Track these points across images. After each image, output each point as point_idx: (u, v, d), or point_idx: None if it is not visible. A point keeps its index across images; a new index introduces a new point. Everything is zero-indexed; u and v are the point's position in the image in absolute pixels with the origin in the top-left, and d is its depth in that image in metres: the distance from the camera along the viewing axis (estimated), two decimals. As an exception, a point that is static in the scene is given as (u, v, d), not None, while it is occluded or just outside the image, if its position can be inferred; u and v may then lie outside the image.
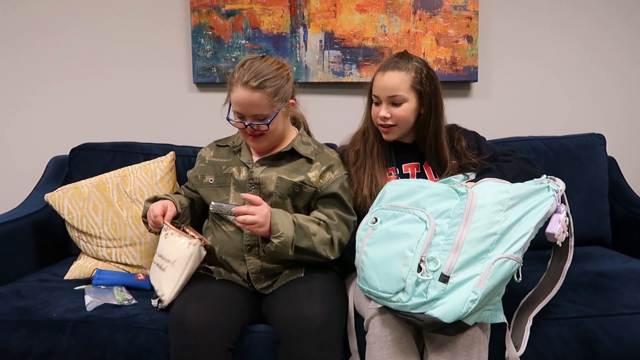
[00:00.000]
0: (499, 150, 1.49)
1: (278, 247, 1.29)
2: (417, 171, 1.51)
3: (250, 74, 1.34)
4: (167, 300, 1.31)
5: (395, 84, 1.41)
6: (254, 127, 1.37)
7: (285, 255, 1.32)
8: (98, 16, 2.07)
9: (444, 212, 1.14)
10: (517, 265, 1.11)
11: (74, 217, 1.62)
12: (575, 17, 2.13)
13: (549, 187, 1.20)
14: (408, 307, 1.10)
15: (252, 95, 1.33)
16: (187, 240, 1.33)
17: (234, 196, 1.41)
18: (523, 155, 1.43)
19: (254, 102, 1.34)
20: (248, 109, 1.35)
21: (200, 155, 1.54)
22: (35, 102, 2.11)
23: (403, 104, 1.42)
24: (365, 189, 1.44)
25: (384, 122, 1.44)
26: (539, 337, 1.28)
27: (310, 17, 2.03)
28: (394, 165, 1.52)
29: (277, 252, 1.30)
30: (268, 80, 1.35)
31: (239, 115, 1.39)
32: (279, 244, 1.29)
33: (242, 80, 1.34)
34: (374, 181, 1.45)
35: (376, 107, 1.47)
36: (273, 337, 1.28)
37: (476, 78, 2.08)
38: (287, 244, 1.30)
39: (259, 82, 1.33)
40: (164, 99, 2.11)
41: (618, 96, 2.17)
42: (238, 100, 1.35)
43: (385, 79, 1.42)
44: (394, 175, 1.51)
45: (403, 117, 1.43)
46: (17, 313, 1.33)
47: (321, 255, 1.36)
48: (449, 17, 2.04)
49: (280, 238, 1.28)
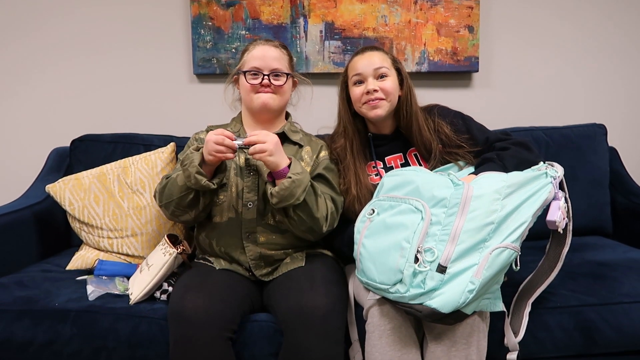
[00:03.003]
0: (492, 135, 1.45)
1: (293, 184, 1.25)
2: (400, 162, 1.49)
3: (267, 39, 1.49)
4: (134, 300, 1.34)
5: (380, 59, 1.45)
6: (270, 79, 1.41)
7: (294, 197, 1.26)
8: (97, 7, 2.07)
9: (440, 201, 1.13)
10: (515, 254, 1.11)
11: (75, 208, 1.63)
12: (576, 7, 2.11)
13: (547, 174, 1.20)
14: (406, 298, 1.10)
15: (274, 50, 1.44)
16: (165, 250, 1.38)
17: (233, 180, 1.40)
18: (518, 139, 1.40)
19: (275, 56, 1.43)
20: (268, 62, 1.42)
21: (198, 137, 1.51)
22: (36, 93, 2.11)
23: (388, 77, 1.44)
24: (353, 189, 1.43)
25: (372, 96, 1.41)
26: (538, 325, 1.29)
27: (310, 7, 2.02)
28: (375, 159, 1.50)
29: (290, 189, 1.25)
30: (285, 46, 1.50)
31: (254, 72, 1.42)
32: (295, 182, 1.25)
33: (262, 42, 1.46)
34: (359, 182, 1.43)
35: (359, 86, 1.45)
36: (274, 326, 1.28)
37: (477, 68, 2.07)
38: (302, 184, 1.27)
39: (278, 43, 1.49)
40: (164, 90, 2.11)
41: (619, 86, 2.16)
42: (259, 54, 1.43)
43: (367, 57, 1.45)
44: (375, 169, 1.49)
45: (391, 88, 1.43)
46: (20, 303, 1.35)
47: (318, 220, 1.33)
48: (450, 6, 2.03)
49: (298, 176, 1.26)
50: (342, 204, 1.43)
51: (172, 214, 1.38)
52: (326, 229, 1.37)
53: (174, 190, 1.33)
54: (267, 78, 1.41)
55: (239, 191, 1.39)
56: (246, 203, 1.38)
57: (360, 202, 1.38)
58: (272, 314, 1.31)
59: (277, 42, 1.48)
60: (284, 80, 1.43)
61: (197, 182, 1.27)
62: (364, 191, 1.42)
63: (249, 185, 1.39)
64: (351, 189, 1.43)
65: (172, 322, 1.20)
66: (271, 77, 1.42)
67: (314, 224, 1.34)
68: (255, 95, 1.43)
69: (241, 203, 1.39)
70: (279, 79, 1.43)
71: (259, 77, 1.42)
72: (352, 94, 1.47)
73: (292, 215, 1.32)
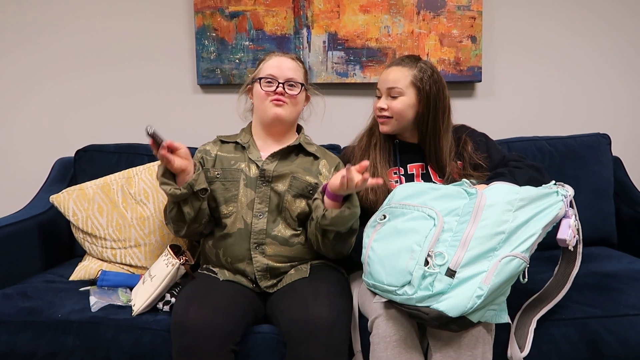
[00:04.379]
0: (508, 155, 1.50)
1: (351, 216, 1.29)
2: (422, 171, 1.52)
3: (285, 52, 1.54)
4: (137, 311, 1.34)
5: (396, 78, 1.48)
6: (285, 87, 1.44)
7: (345, 227, 1.31)
8: (102, 18, 2.09)
9: (453, 211, 1.16)
10: (524, 264, 1.11)
11: (79, 219, 1.63)
12: (580, 17, 2.12)
13: (558, 192, 1.21)
14: (413, 299, 1.10)
15: (290, 61, 1.48)
16: (168, 260, 1.39)
17: (243, 192, 1.42)
18: (532, 162, 1.45)
19: (291, 67, 1.47)
20: (285, 72, 1.45)
21: (205, 149, 1.52)
22: (40, 103, 2.12)
23: (400, 97, 1.47)
24: (370, 192, 1.44)
25: (380, 113, 1.50)
26: (544, 338, 1.28)
27: (313, 18, 2.04)
28: (398, 165, 1.52)
29: (347, 219, 1.29)
30: (301, 60, 1.54)
31: (269, 80, 1.45)
32: (353, 214, 1.29)
33: (280, 53, 1.51)
34: (376, 173, 1.47)
35: (377, 100, 1.53)
36: (277, 338, 1.28)
37: (480, 78, 2.08)
38: (356, 216, 1.32)
39: (295, 56, 1.54)
40: (168, 100, 2.12)
41: (623, 96, 2.16)
42: (275, 64, 1.46)
43: (388, 72, 1.50)
44: (397, 176, 1.52)
45: (399, 109, 1.47)
46: (23, 314, 1.34)
47: (349, 247, 1.39)
48: (452, 17, 2.04)
49: (356, 209, 1.29)
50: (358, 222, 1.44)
51: (174, 230, 1.43)
52: (350, 249, 1.41)
53: (166, 207, 1.41)
54: (281, 86, 1.44)
55: (249, 202, 1.41)
56: (257, 214, 1.40)
57: (375, 192, 1.43)
58: (276, 326, 1.31)
59: (293, 54, 1.53)
60: (298, 90, 1.47)
61: (166, 192, 1.32)
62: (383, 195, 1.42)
63: (260, 196, 1.41)
64: (369, 191, 1.45)
65: (175, 333, 1.20)
66: (286, 86, 1.45)
67: (343, 249, 1.39)
68: (269, 104, 1.45)
69: (251, 214, 1.40)
70: (293, 88, 1.46)
71: (274, 85, 1.44)
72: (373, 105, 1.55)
73: (331, 238, 1.34)
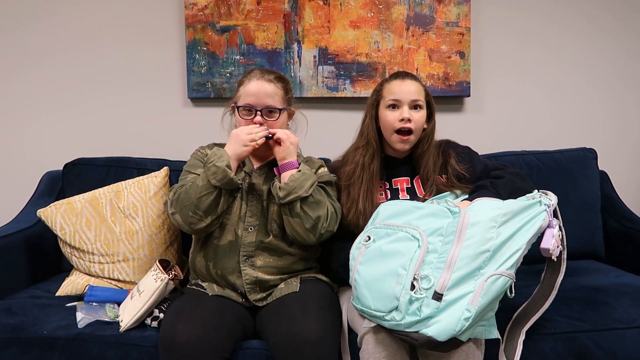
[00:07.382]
0: (491, 164, 1.50)
1: (303, 176, 1.33)
2: (407, 186, 1.52)
3: (264, 71, 1.47)
4: (124, 327, 1.33)
5: (417, 90, 1.49)
6: (264, 115, 1.42)
7: (303, 189, 1.33)
8: (93, 30, 2.08)
9: (436, 230, 1.14)
10: (510, 281, 1.11)
11: (67, 233, 1.61)
12: (565, 34, 2.16)
13: (541, 202, 1.21)
14: (402, 325, 1.09)
15: (268, 86, 1.43)
16: (157, 275, 1.37)
17: (237, 203, 1.42)
18: (514, 169, 1.45)
19: (269, 93, 1.42)
20: (262, 99, 1.42)
21: (203, 151, 1.52)
22: (29, 116, 2.10)
23: (421, 110, 1.49)
24: (360, 203, 1.44)
25: (404, 125, 1.45)
26: (533, 351, 1.28)
27: (304, 33, 2.05)
28: (384, 179, 1.53)
29: (300, 180, 1.33)
30: (281, 77, 1.48)
31: (248, 108, 1.43)
32: (305, 174, 1.34)
33: (258, 75, 1.45)
34: (369, 197, 1.45)
35: (393, 111, 1.48)
36: (266, 353, 1.27)
37: (469, 93, 2.10)
38: (311, 178, 1.35)
39: (274, 76, 1.46)
40: (158, 113, 2.11)
41: (608, 111, 2.20)
42: (252, 91, 1.42)
43: (408, 84, 1.49)
44: (382, 189, 1.52)
45: (420, 123, 1.49)
46: (7, 331, 1.32)
47: (321, 218, 1.36)
48: (441, 33, 2.07)
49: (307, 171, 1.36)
50: (340, 212, 1.45)
51: (187, 220, 1.36)
52: (327, 228, 1.39)
53: (192, 193, 1.34)
54: (259, 114, 1.42)
55: (241, 215, 1.41)
56: (247, 227, 1.40)
57: (366, 218, 1.38)
58: (265, 341, 1.30)
59: (272, 75, 1.46)
60: (277, 116, 1.44)
61: (226, 176, 1.32)
62: (371, 208, 1.41)
63: (252, 210, 1.42)
64: (358, 203, 1.44)
65: (163, 350, 1.18)
66: (264, 113, 1.43)
67: (317, 220, 1.36)
68: None
69: (242, 226, 1.40)
70: (272, 115, 1.44)
71: (252, 114, 1.43)
72: (384, 117, 1.49)
73: (298, 211, 1.34)
